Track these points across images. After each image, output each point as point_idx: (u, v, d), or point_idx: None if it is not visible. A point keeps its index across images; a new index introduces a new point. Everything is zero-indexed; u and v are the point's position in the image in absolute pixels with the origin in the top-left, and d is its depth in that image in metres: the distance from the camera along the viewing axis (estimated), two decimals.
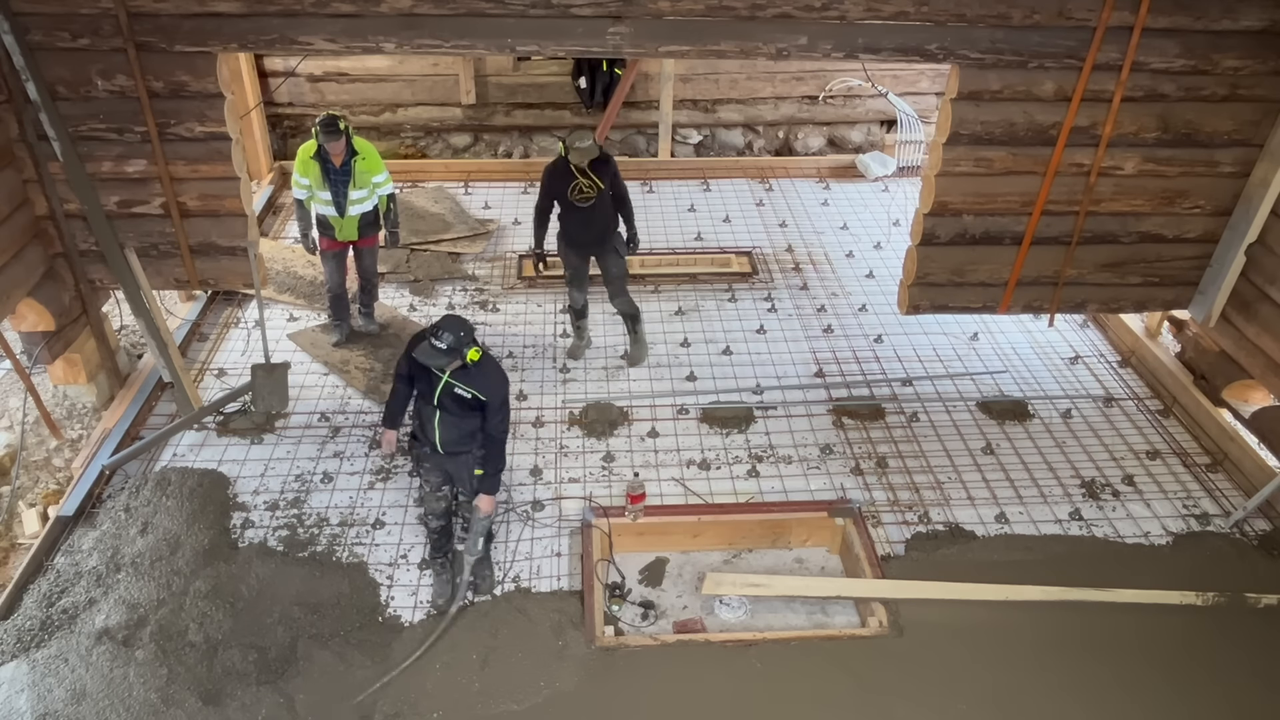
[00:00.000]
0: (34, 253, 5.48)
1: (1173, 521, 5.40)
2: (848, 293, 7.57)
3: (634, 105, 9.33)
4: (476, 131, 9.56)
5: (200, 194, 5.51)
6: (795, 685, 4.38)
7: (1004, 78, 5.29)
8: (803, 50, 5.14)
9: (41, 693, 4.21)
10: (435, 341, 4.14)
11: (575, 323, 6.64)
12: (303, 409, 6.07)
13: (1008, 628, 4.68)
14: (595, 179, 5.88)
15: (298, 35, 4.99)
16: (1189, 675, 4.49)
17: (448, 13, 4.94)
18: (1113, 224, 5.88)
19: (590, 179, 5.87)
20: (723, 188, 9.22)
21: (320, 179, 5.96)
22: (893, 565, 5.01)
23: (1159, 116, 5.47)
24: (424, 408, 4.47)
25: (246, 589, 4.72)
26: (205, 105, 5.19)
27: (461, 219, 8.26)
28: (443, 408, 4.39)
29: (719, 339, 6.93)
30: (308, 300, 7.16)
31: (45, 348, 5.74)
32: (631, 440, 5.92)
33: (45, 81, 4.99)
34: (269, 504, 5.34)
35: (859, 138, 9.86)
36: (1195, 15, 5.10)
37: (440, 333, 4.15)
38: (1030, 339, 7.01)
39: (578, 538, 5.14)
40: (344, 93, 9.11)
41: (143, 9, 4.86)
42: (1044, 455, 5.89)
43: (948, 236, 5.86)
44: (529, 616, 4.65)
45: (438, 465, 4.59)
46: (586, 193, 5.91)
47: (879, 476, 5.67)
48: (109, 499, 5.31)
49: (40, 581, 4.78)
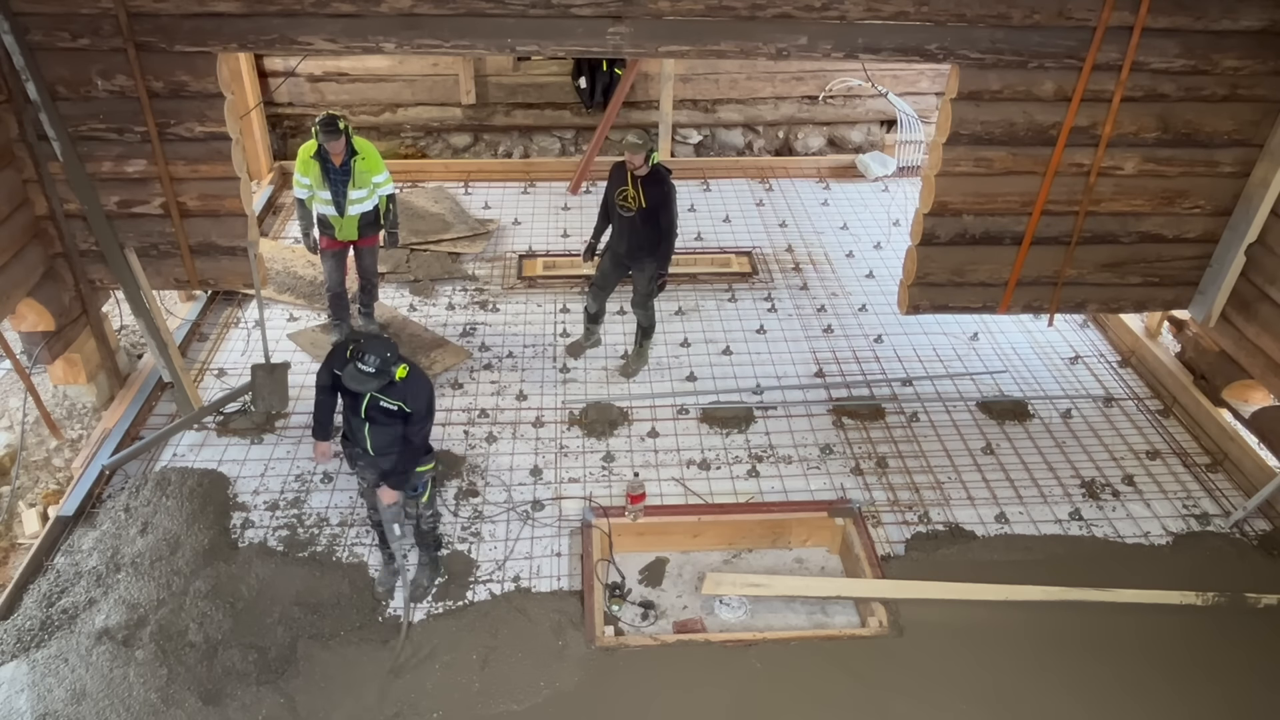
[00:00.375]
0: (34, 253, 5.48)
1: (1173, 521, 5.40)
2: (848, 293, 7.56)
3: (634, 105, 9.32)
4: (476, 131, 9.56)
5: (200, 194, 5.51)
6: (795, 685, 4.38)
7: (1004, 78, 5.29)
8: (803, 50, 5.14)
9: (41, 693, 4.21)
10: (362, 366, 4.01)
11: (587, 324, 6.64)
12: (303, 409, 6.07)
13: (1008, 628, 4.68)
14: (641, 193, 5.74)
15: (298, 35, 4.99)
16: (1189, 675, 4.49)
17: (448, 13, 4.94)
18: (1113, 224, 5.88)
19: (637, 191, 5.75)
20: (723, 188, 9.22)
21: (320, 178, 5.96)
22: (893, 565, 5.01)
23: (1159, 116, 5.47)
24: (353, 418, 4.36)
25: (246, 589, 4.72)
26: (205, 105, 5.19)
27: (461, 219, 8.26)
28: (371, 420, 4.30)
29: (719, 339, 6.93)
30: (308, 300, 7.16)
31: (45, 348, 5.74)
32: (631, 440, 5.92)
33: (45, 81, 4.99)
34: (269, 504, 5.34)
35: (859, 138, 9.86)
36: (1195, 15, 5.10)
37: (366, 356, 4.00)
38: (1030, 339, 7.01)
39: (578, 538, 5.14)
40: (344, 93, 9.11)
41: (143, 9, 4.86)
42: (1044, 455, 5.89)
43: (948, 236, 5.86)
44: (529, 616, 4.65)
45: (372, 464, 4.49)
46: (629, 203, 5.81)
47: (879, 476, 5.67)
48: (109, 499, 5.31)
49: (40, 581, 4.78)
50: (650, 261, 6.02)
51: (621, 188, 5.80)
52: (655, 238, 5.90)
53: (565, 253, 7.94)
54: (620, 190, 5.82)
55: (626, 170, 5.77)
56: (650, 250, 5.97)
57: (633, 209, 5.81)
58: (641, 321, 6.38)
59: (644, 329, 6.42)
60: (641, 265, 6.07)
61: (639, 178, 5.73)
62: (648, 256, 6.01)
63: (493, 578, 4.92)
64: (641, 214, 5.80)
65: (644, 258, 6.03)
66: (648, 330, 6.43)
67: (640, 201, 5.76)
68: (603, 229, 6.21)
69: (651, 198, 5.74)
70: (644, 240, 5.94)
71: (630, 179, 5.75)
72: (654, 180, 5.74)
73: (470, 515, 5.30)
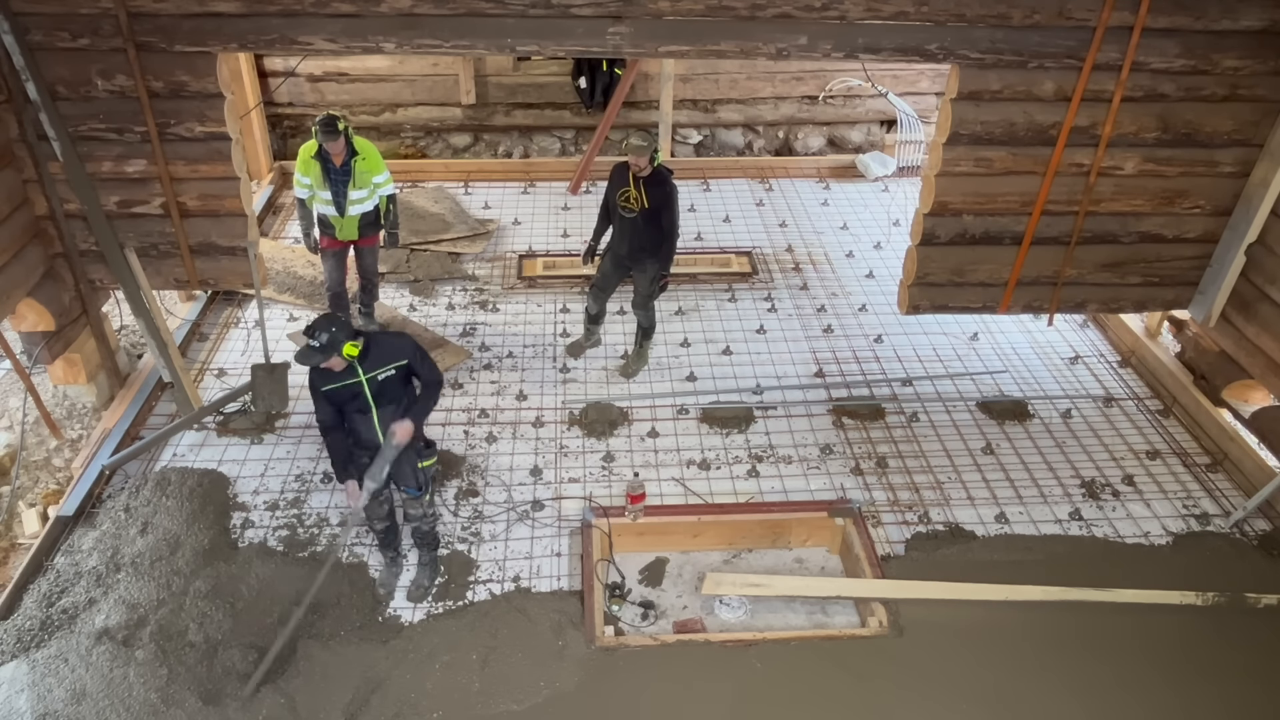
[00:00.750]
0: (34, 253, 5.48)
1: (1173, 521, 5.40)
2: (848, 293, 7.57)
3: (634, 105, 9.33)
4: (476, 131, 9.56)
5: (200, 194, 5.51)
6: (795, 685, 4.38)
7: (1004, 78, 5.29)
8: (803, 50, 5.14)
9: (41, 693, 4.21)
10: (311, 341, 4.03)
11: (587, 325, 6.64)
12: (303, 409, 6.07)
13: (1008, 628, 4.68)
14: (643, 194, 5.73)
15: (298, 35, 4.99)
16: (1189, 675, 4.49)
17: (448, 13, 4.94)
18: (1113, 224, 5.87)
19: (639, 192, 5.74)
20: (723, 188, 9.22)
21: (321, 178, 5.97)
22: (893, 565, 5.01)
23: (1159, 116, 5.47)
24: (360, 421, 4.33)
25: (246, 589, 4.72)
26: (205, 105, 5.19)
27: (461, 219, 8.26)
28: (379, 403, 4.30)
29: (719, 339, 6.93)
30: (308, 300, 7.16)
31: (45, 348, 5.74)
32: (631, 440, 5.92)
33: (45, 81, 4.99)
34: (269, 504, 5.34)
35: (859, 138, 9.86)
36: (1195, 15, 5.10)
37: (315, 332, 4.03)
38: (1030, 339, 7.01)
39: (578, 538, 5.14)
40: (344, 93, 9.11)
41: (143, 9, 4.86)
42: (1044, 455, 5.89)
43: (948, 236, 5.86)
44: (529, 616, 4.65)
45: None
46: (630, 204, 5.80)
47: (879, 476, 5.67)
48: (109, 499, 5.31)
49: (40, 581, 4.78)
50: (652, 263, 6.01)
51: (623, 189, 5.78)
52: (657, 239, 5.88)
53: (565, 253, 7.94)
54: (622, 191, 5.80)
55: (629, 171, 5.74)
56: (652, 251, 5.96)
57: (635, 210, 5.79)
58: (642, 322, 6.38)
59: (644, 329, 6.41)
60: (643, 266, 6.05)
61: (641, 178, 5.72)
62: (649, 258, 6.00)
63: (493, 578, 4.92)
64: (644, 215, 5.78)
65: (645, 259, 6.01)
66: (648, 331, 6.42)
67: (643, 202, 5.74)
68: (603, 230, 6.21)
69: (654, 198, 5.72)
70: (646, 241, 5.92)
71: (632, 180, 5.73)
72: (656, 181, 5.72)
73: (470, 515, 5.30)
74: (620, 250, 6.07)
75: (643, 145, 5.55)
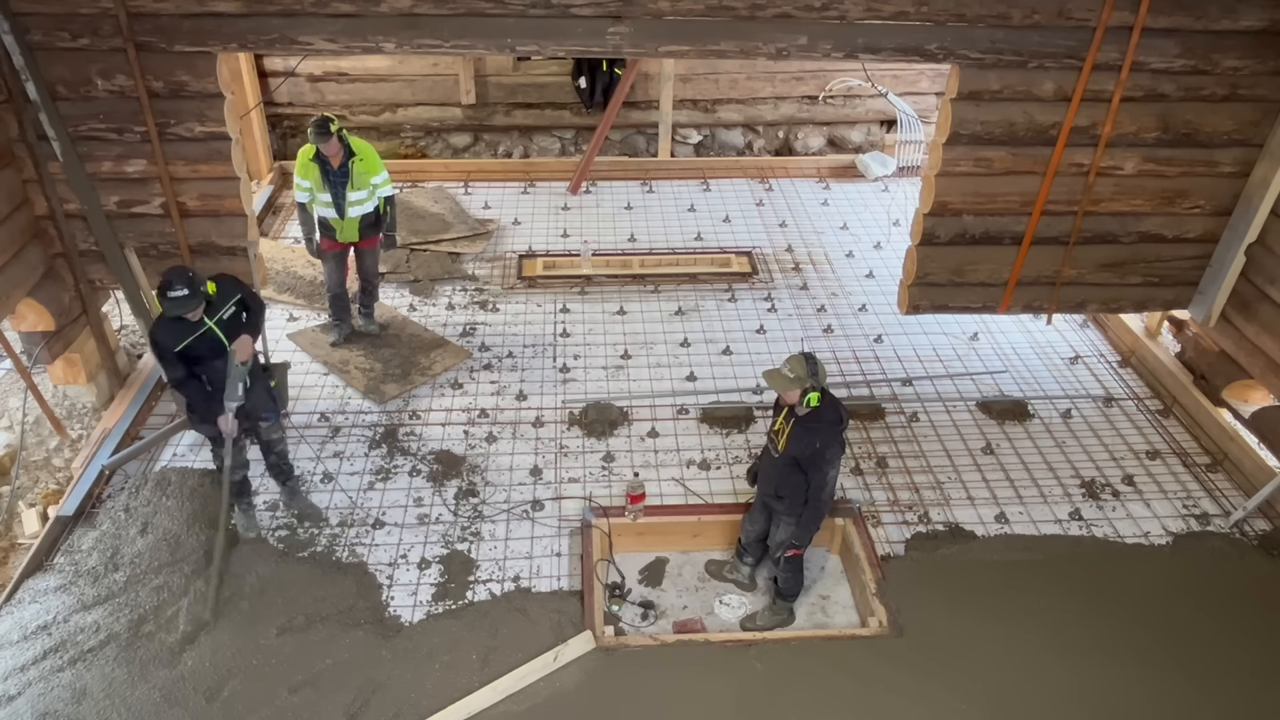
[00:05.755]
0: (34, 253, 5.48)
1: (1173, 521, 5.40)
2: (848, 293, 7.57)
3: (634, 105, 9.32)
4: (476, 131, 9.56)
5: (200, 194, 5.51)
6: (795, 685, 4.38)
7: (1004, 78, 5.29)
8: (803, 50, 5.14)
9: (42, 692, 4.21)
10: (173, 294, 4.24)
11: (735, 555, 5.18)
12: (302, 409, 6.07)
13: (1008, 628, 4.68)
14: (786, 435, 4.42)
15: (298, 35, 4.99)
16: (1189, 675, 4.49)
17: (448, 13, 4.95)
18: (1112, 224, 5.88)
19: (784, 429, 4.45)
20: (723, 188, 9.22)
21: (320, 181, 5.96)
22: (893, 565, 5.01)
23: (1159, 116, 5.47)
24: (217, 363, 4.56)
25: (247, 589, 4.71)
26: (205, 105, 5.19)
27: (461, 219, 8.26)
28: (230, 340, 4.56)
29: (719, 339, 6.93)
30: (308, 300, 7.16)
31: (45, 348, 5.74)
32: (631, 440, 5.92)
33: (45, 81, 4.99)
34: (269, 504, 5.34)
35: (859, 138, 9.86)
36: (1195, 15, 5.11)
37: (172, 284, 4.24)
38: (1030, 339, 7.01)
39: (578, 538, 5.14)
40: (344, 93, 9.11)
41: (143, 9, 4.86)
42: (1044, 455, 5.89)
43: (948, 236, 5.86)
44: (529, 616, 4.65)
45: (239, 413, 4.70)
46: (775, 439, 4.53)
47: (879, 476, 5.67)
48: (109, 499, 5.31)
49: (40, 580, 4.76)
50: (788, 521, 4.63)
51: (777, 417, 4.53)
52: (799, 496, 4.50)
53: (565, 253, 7.95)
54: (774, 422, 4.56)
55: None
56: (789, 508, 4.57)
57: (777, 450, 4.52)
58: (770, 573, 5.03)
59: (778, 588, 4.92)
60: (777, 521, 4.72)
61: (795, 414, 4.40)
62: (785, 514, 4.62)
63: (493, 577, 4.92)
64: (784, 459, 4.46)
65: (781, 514, 4.65)
66: (782, 591, 4.90)
67: (781, 444, 4.47)
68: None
69: (797, 445, 4.36)
70: (785, 491, 4.53)
71: (784, 412, 4.46)
72: (808, 426, 4.33)
73: (470, 515, 5.30)
74: (765, 489, 4.72)
75: (789, 377, 4.24)
